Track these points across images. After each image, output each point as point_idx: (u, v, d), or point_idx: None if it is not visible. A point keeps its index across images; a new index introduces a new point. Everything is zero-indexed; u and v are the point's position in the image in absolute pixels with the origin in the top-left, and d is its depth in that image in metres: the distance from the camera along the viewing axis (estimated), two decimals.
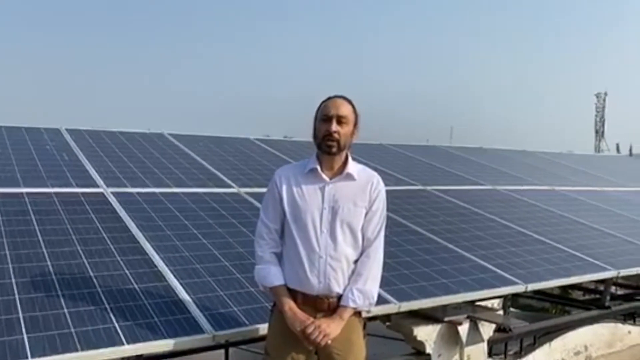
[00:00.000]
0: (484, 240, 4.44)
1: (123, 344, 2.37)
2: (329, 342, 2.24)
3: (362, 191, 2.35)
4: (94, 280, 2.85)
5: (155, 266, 3.11)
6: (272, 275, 2.34)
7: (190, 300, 2.79)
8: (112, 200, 4.03)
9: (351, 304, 2.28)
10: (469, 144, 8.81)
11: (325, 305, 2.29)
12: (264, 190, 4.81)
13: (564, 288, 5.82)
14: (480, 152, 8.37)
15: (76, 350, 2.28)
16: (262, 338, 2.78)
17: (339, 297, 2.30)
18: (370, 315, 2.63)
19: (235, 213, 4.16)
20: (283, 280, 2.34)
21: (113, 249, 3.24)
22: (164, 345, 2.43)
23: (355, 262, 2.33)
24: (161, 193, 4.33)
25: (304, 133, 2.53)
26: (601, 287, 5.24)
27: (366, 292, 2.30)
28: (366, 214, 2.34)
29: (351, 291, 2.29)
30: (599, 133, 59.41)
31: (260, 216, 2.44)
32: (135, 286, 2.86)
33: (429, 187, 5.77)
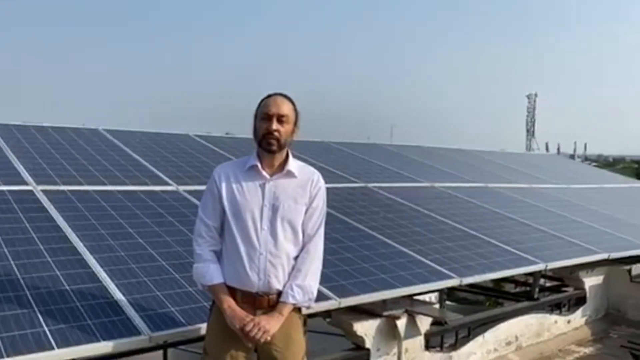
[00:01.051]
0: (422, 236, 4.56)
1: (53, 348, 2.27)
2: (269, 338, 2.24)
3: (303, 188, 2.36)
4: (22, 282, 2.71)
5: (89, 267, 3.00)
6: (210, 273, 2.32)
7: (125, 301, 2.71)
8: (42, 198, 3.85)
9: (291, 300, 2.29)
10: (409, 142, 9.01)
11: (265, 302, 2.29)
12: (204, 188, 4.76)
13: (497, 281, 6.06)
14: (419, 150, 8.57)
15: (1, 356, 2.16)
16: (201, 338, 2.75)
17: (279, 293, 2.30)
18: (310, 312, 2.64)
19: (173, 211, 4.07)
20: (222, 278, 2.32)
21: (43, 250, 3.09)
22: (99, 348, 2.35)
23: (296, 258, 2.34)
24: (95, 191, 4.18)
25: (246, 130, 2.52)
26: (531, 280, 5.50)
27: (306, 287, 2.31)
28: (306, 211, 2.36)
29: (291, 287, 2.29)
30: (530, 132, 62.43)
31: (199, 214, 2.40)
32: (67, 287, 2.74)
33: (370, 185, 5.85)
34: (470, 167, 8.18)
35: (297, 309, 2.37)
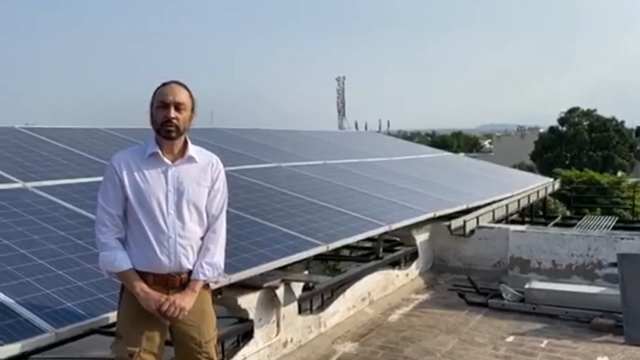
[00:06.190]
0: (283, 212, 4.90)
1: None
2: (186, 314, 2.37)
3: (204, 172, 2.51)
4: None
5: None
6: (119, 260, 2.36)
7: (15, 302, 2.57)
8: None
9: (202, 277, 2.44)
10: (230, 126, 9.09)
11: (177, 282, 2.41)
12: (55, 183, 4.50)
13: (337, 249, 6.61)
14: (257, 133, 8.87)
15: None
16: (93, 332, 2.73)
17: (189, 272, 2.43)
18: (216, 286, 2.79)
19: (29, 209, 3.81)
20: (131, 264, 2.37)
21: None
22: (2, 352, 2.24)
23: (202, 238, 2.48)
24: None
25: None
26: (367, 244, 6.19)
27: (214, 264, 2.48)
28: (209, 193, 2.51)
29: (201, 265, 2.44)
30: (341, 113, 66.82)
31: (100, 203, 2.41)
32: None
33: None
34: (307, 147, 8.75)
35: (207, 285, 2.52)
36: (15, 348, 2.26)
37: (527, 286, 5.28)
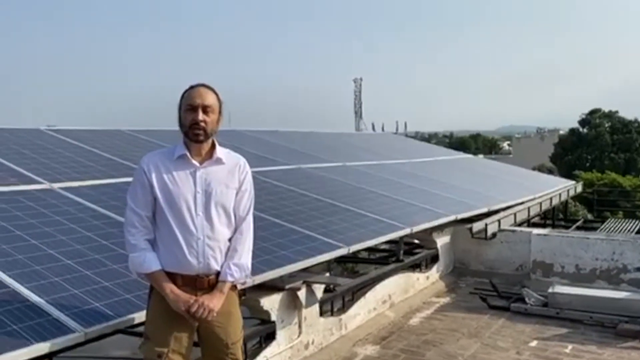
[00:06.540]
0: (304, 214, 4.90)
1: None
2: (215, 315, 2.38)
3: (231, 174, 2.52)
4: None
5: None
6: (148, 261, 2.38)
7: (44, 302, 2.61)
8: None
9: (230, 279, 2.45)
10: (247, 127, 9.10)
11: (205, 283, 2.42)
12: (81, 184, 4.55)
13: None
14: (276, 134, 8.90)
15: None
16: (116, 331, 2.74)
17: (217, 273, 2.44)
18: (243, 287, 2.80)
19: (56, 210, 3.86)
20: (160, 265, 2.39)
21: None
22: (32, 351, 2.27)
23: (229, 239, 2.49)
24: None
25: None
26: (384, 246, 6.16)
27: (242, 265, 2.49)
28: (236, 194, 2.52)
29: (229, 267, 2.45)
30: (358, 114, 66.78)
31: (129, 204, 2.43)
32: None
33: None
34: (327, 148, 8.74)
35: (234, 286, 2.53)
36: (45, 347, 2.29)
37: (550, 290, 5.21)
